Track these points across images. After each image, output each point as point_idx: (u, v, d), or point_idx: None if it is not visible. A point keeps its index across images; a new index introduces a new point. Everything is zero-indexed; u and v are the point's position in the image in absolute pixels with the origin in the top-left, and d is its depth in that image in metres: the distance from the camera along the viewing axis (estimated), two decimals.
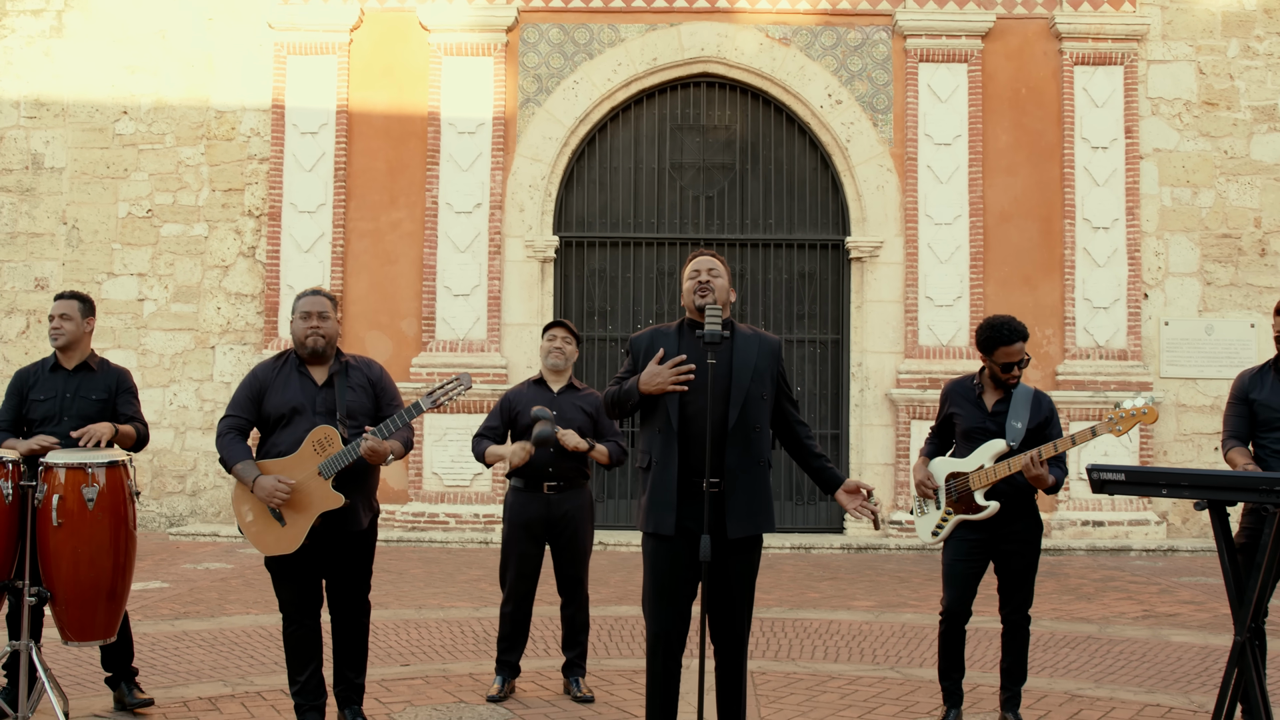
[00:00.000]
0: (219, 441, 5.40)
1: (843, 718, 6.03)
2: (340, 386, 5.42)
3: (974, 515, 5.70)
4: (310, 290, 5.60)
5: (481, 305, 14.01)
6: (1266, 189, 14.09)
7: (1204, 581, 11.07)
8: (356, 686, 5.54)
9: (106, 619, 5.45)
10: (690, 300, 4.79)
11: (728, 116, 14.56)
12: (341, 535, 5.37)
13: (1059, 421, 5.88)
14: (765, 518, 4.71)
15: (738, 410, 4.64)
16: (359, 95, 14.14)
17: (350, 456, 5.19)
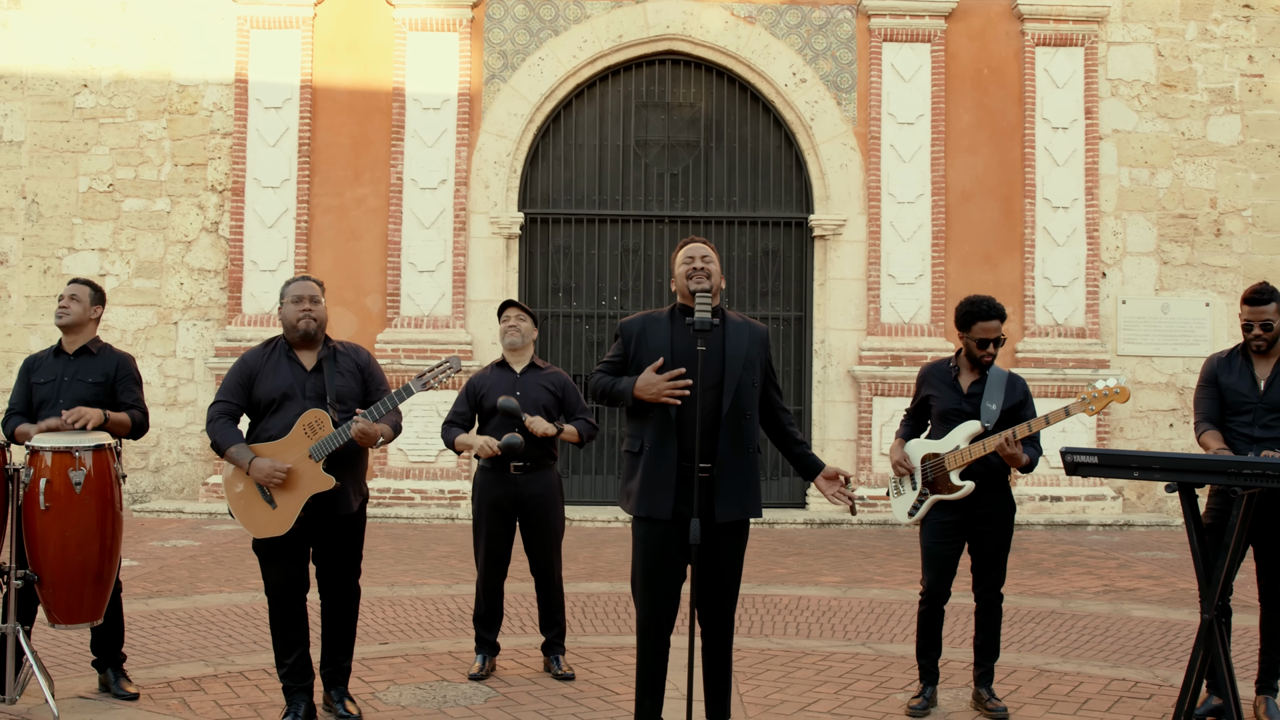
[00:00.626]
0: (210, 426, 5.43)
1: (819, 694, 6.15)
2: (329, 371, 5.47)
3: (950, 495, 5.82)
4: (299, 276, 5.64)
5: (447, 281, 14.02)
6: (1222, 170, 14.33)
7: (1160, 556, 11.31)
8: (344, 669, 5.60)
9: (94, 601, 5.49)
10: (683, 286, 4.85)
11: (693, 94, 14.61)
12: (331, 518, 5.42)
13: (1034, 404, 6.00)
14: (754, 503, 4.80)
15: (730, 397, 4.73)
16: (323, 70, 14.06)
17: (341, 439, 5.24)
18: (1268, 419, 5.67)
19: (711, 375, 4.71)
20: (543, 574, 6.59)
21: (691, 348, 4.67)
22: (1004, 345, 6.02)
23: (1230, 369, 5.81)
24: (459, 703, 5.88)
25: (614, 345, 4.94)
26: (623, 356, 4.86)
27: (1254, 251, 14.30)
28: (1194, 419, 5.92)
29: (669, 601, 4.76)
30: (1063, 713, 5.86)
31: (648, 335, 4.80)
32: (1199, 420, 5.84)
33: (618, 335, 4.93)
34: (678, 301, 4.94)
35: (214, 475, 13.62)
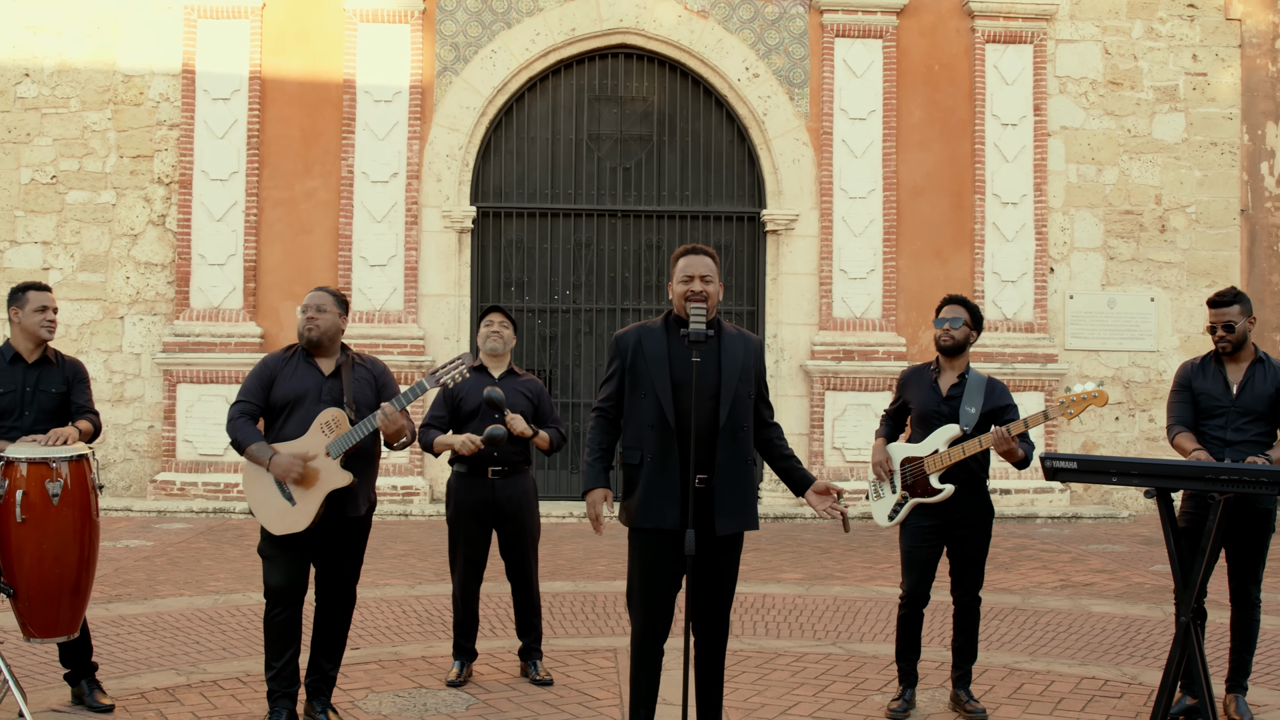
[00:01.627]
0: (230, 425, 5.46)
1: (798, 696, 6.19)
2: (348, 376, 5.49)
3: (929, 499, 5.87)
4: (316, 287, 5.68)
5: (398, 276, 13.90)
6: (1167, 167, 14.56)
7: (1111, 550, 11.49)
8: (329, 678, 5.56)
9: (70, 615, 5.40)
10: (680, 305, 4.83)
11: (645, 88, 14.59)
12: (338, 522, 5.41)
13: (1016, 407, 6.03)
14: (752, 516, 4.82)
15: (727, 409, 4.73)
16: (272, 61, 13.88)
17: (359, 435, 5.30)
18: (1240, 422, 5.77)
19: (708, 387, 4.71)
20: (520, 578, 6.57)
21: (687, 358, 4.66)
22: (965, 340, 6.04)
23: (1203, 374, 5.91)
24: (441, 710, 5.85)
25: (609, 362, 4.91)
26: (619, 370, 4.84)
27: (1197, 247, 14.55)
28: (1167, 423, 6.02)
29: (665, 612, 4.77)
30: (1039, 713, 5.94)
31: (644, 346, 4.79)
32: (1172, 424, 5.94)
33: (611, 350, 4.90)
34: (672, 311, 4.93)
35: (162, 472, 13.43)
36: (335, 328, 5.57)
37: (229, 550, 10.79)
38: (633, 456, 4.76)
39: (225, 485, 13.33)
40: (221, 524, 12.45)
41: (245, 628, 7.64)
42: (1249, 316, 5.84)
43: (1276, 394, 5.76)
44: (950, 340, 6.00)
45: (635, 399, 4.78)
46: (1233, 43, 14.63)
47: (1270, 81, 14.64)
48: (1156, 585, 9.56)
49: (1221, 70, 14.61)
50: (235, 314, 13.66)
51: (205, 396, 13.51)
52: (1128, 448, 14.37)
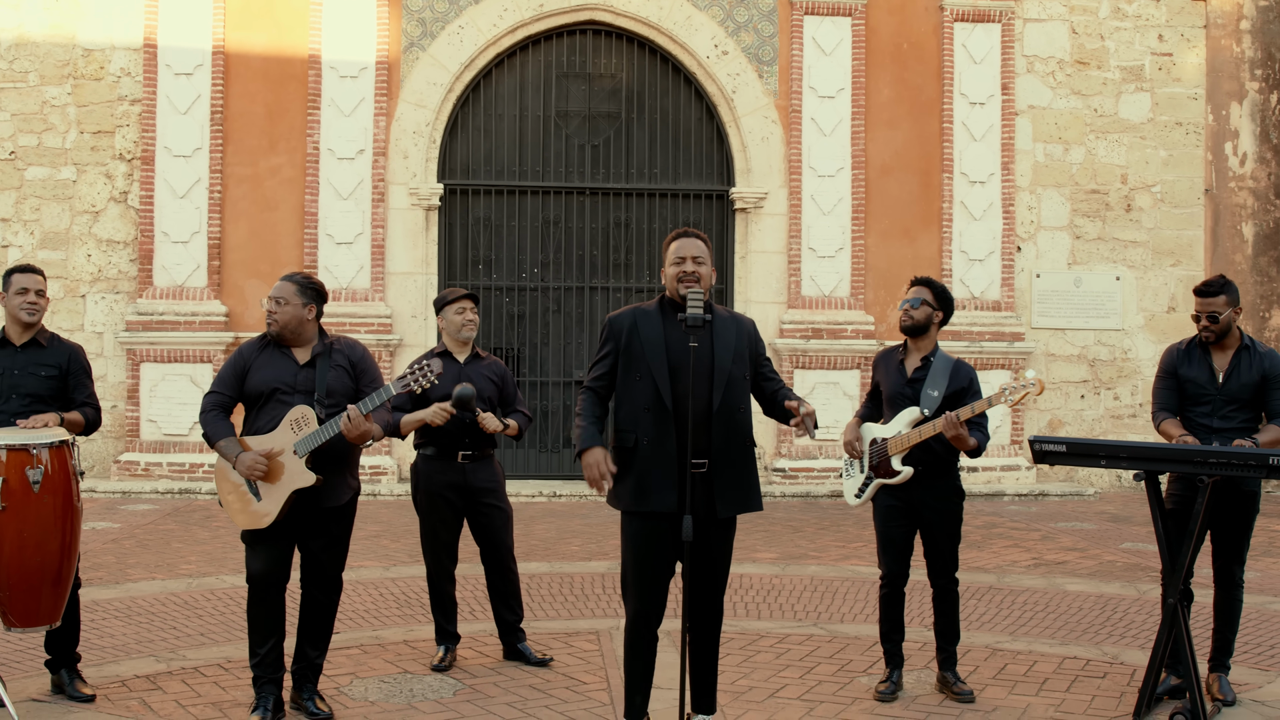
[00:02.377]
0: (203, 418, 5.37)
1: (784, 678, 6.19)
2: (322, 367, 5.38)
3: (890, 480, 5.88)
4: (286, 274, 5.51)
5: (365, 254, 13.77)
6: (1133, 147, 14.64)
7: (1079, 527, 11.59)
8: (316, 666, 5.50)
9: (52, 604, 5.30)
10: (673, 287, 4.80)
11: (614, 65, 14.50)
12: (318, 510, 5.32)
13: (980, 389, 6.00)
14: (755, 497, 4.81)
15: (721, 393, 4.71)
16: (236, 35, 13.67)
17: (325, 435, 5.15)
18: (1226, 409, 5.79)
19: (703, 370, 4.69)
20: (499, 561, 6.51)
21: (684, 342, 4.64)
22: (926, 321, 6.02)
23: (1189, 361, 5.93)
24: (428, 696, 5.81)
25: (602, 343, 4.86)
26: (613, 351, 4.80)
27: (1162, 227, 14.66)
28: (1152, 409, 6.04)
29: (661, 597, 4.75)
30: (1024, 693, 5.97)
31: (640, 328, 4.76)
32: (1157, 410, 5.96)
33: (605, 331, 4.85)
34: (665, 294, 4.89)
35: (126, 453, 13.27)
36: (297, 319, 5.40)
37: (198, 532, 10.68)
38: (627, 439, 4.73)
39: (191, 465, 13.20)
40: (188, 505, 12.32)
41: (222, 612, 7.56)
42: (1235, 306, 5.85)
43: (1262, 381, 5.78)
44: (909, 320, 5.99)
45: (629, 381, 4.74)
46: (1198, 23, 14.71)
47: (1235, 62, 14.74)
48: (1128, 563, 9.64)
49: (1187, 50, 14.70)
50: (199, 292, 13.49)
51: (170, 376, 13.35)
52: (1093, 425, 14.49)
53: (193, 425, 13.31)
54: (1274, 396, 5.78)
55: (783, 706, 5.73)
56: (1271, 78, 14.77)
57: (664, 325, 4.77)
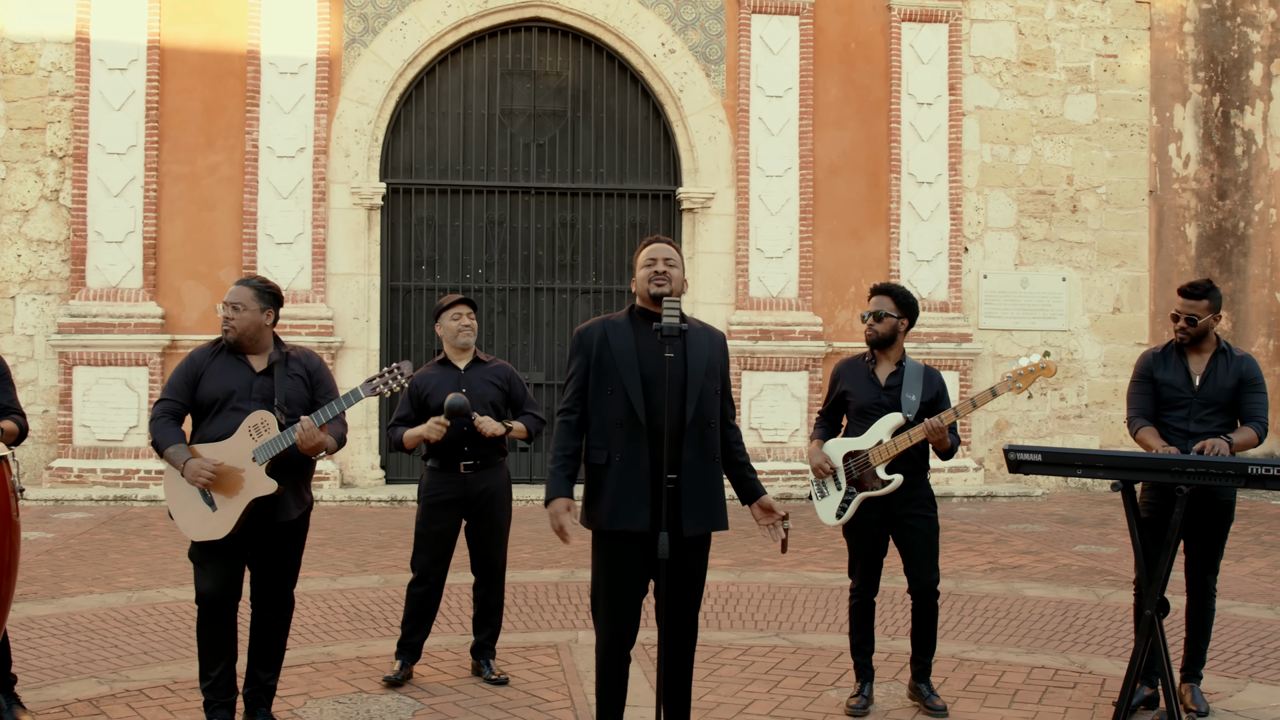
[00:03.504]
0: (152, 425, 5.11)
1: (752, 693, 6.04)
2: (279, 375, 5.14)
3: (877, 491, 5.75)
4: (241, 279, 5.25)
5: (306, 254, 13.47)
6: (1078, 148, 14.67)
7: (1031, 529, 11.56)
8: (268, 688, 5.26)
9: None
10: (644, 289, 4.64)
11: (560, 63, 14.30)
12: (271, 525, 5.09)
13: (949, 396, 5.97)
14: (721, 515, 4.64)
15: (694, 405, 4.54)
16: (172, 30, 13.31)
17: (286, 442, 4.94)
18: (1203, 413, 5.72)
19: (675, 382, 4.51)
20: (488, 572, 6.33)
21: (657, 353, 4.47)
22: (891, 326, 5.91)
23: (1165, 364, 5.85)
24: (386, 716, 5.59)
25: (571, 358, 4.67)
26: (583, 366, 4.61)
27: (1107, 228, 14.71)
28: (1127, 414, 5.95)
29: (634, 618, 4.57)
30: (997, 706, 5.86)
31: (610, 340, 4.58)
32: (1134, 416, 5.87)
33: (574, 345, 4.66)
34: (636, 304, 4.72)
35: (59, 459, 12.87)
36: (255, 324, 5.18)
37: (135, 542, 10.35)
38: (599, 456, 4.54)
39: (126, 472, 12.82)
40: (123, 513, 11.96)
41: (165, 629, 7.28)
42: (1215, 313, 5.78)
43: (1238, 385, 5.72)
44: (875, 335, 5.88)
45: (600, 396, 4.56)
46: (1142, 25, 14.78)
47: (1178, 64, 14.83)
48: (1084, 567, 9.61)
49: (1132, 52, 14.76)
50: (135, 293, 13.12)
51: (104, 379, 12.97)
52: (1039, 426, 14.51)
53: (128, 430, 12.96)
54: (1249, 400, 5.73)
55: None
56: (1214, 80, 14.87)
57: (635, 336, 4.60)
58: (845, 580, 8.91)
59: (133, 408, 13.00)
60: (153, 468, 12.87)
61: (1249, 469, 5.03)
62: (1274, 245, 14.98)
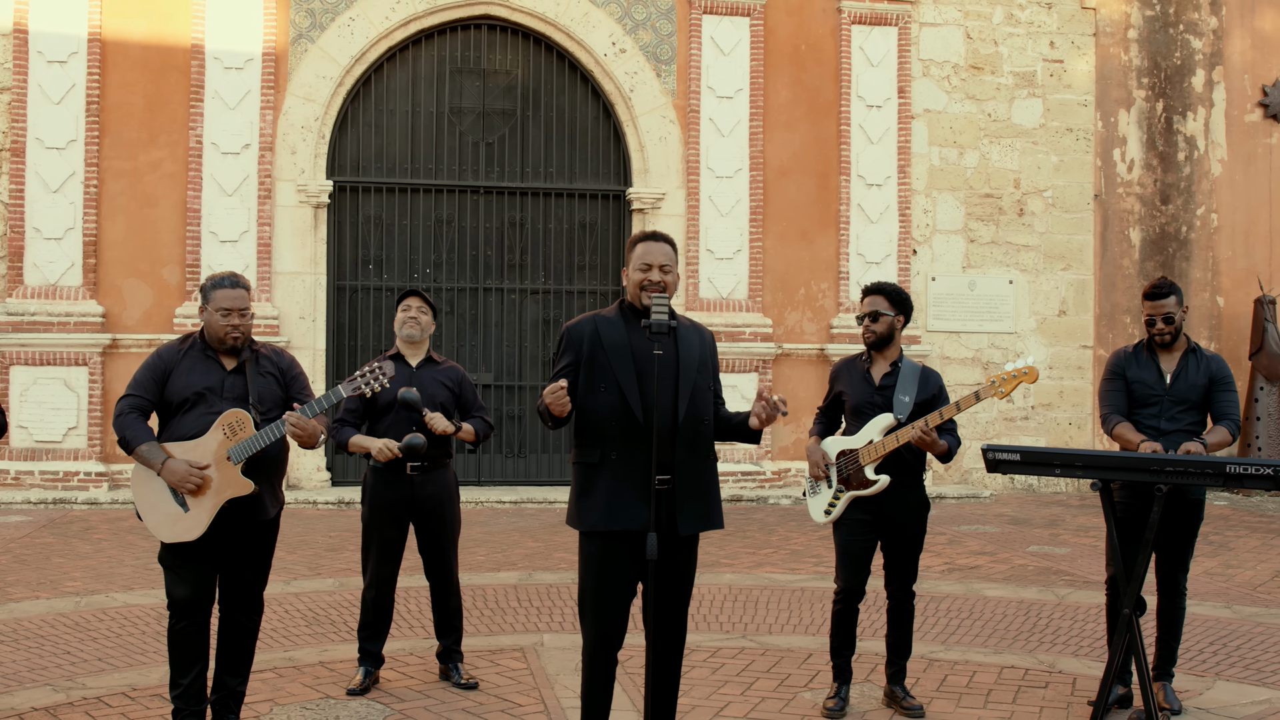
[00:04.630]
0: (118, 422, 4.90)
1: (726, 696, 5.98)
2: (252, 373, 4.99)
3: (865, 491, 5.72)
4: (227, 278, 5.05)
5: (251, 252, 13.23)
6: (1025, 152, 14.80)
7: (983, 530, 11.62)
8: (237, 694, 5.12)
9: None
10: (636, 293, 4.54)
11: (509, 61, 14.18)
12: (246, 525, 4.95)
13: (948, 396, 5.94)
14: (716, 514, 4.57)
15: (686, 403, 4.47)
16: (114, 22, 13.03)
17: (264, 441, 4.81)
18: (1174, 411, 5.75)
19: (666, 381, 4.44)
20: (441, 577, 6.20)
21: (648, 350, 4.38)
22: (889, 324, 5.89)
23: (1136, 363, 5.88)
24: None
25: (560, 355, 4.55)
26: (574, 363, 4.51)
27: (1054, 231, 14.84)
28: (1101, 411, 5.97)
29: (623, 620, 4.48)
30: (972, 706, 5.85)
31: (602, 335, 4.48)
32: (1109, 413, 5.88)
33: (563, 341, 4.55)
34: (625, 300, 4.63)
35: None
36: (250, 327, 5.08)
37: (79, 545, 10.09)
38: (591, 455, 4.44)
39: (65, 474, 12.52)
40: (63, 516, 11.67)
41: (118, 634, 7.09)
42: (1183, 306, 5.83)
43: (1209, 384, 5.77)
44: (873, 336, 5.85)
45: (593, 392, 4.46)
46: (1088, 31, 14.93)
47: (1123, 70, 15.00)
48: (1039, 567, 9.66)
49: (1077, 58, 14.90)
50: (74, 291, 12.82)
51: (42, 379, 12.66)
52: (986, 428, 14.60)
53: (67, 431, 12.66)
54: (1221, 399, 5.77)
55: None
56: (1157, 86, 15.06)
57: (628, 332, 4.51)
58: (804, 581, 8.94)
59: (72, 408, 12.69)
60: (92, 470, 12.59)
61: (1227, 468, 5.05)
62: (1215, 249, 15.20)
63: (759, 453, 13.84)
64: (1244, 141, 15.27)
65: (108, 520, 11.44)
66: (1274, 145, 15.34)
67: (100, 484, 12.58)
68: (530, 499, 13.05)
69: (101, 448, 12.76)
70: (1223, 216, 15.22)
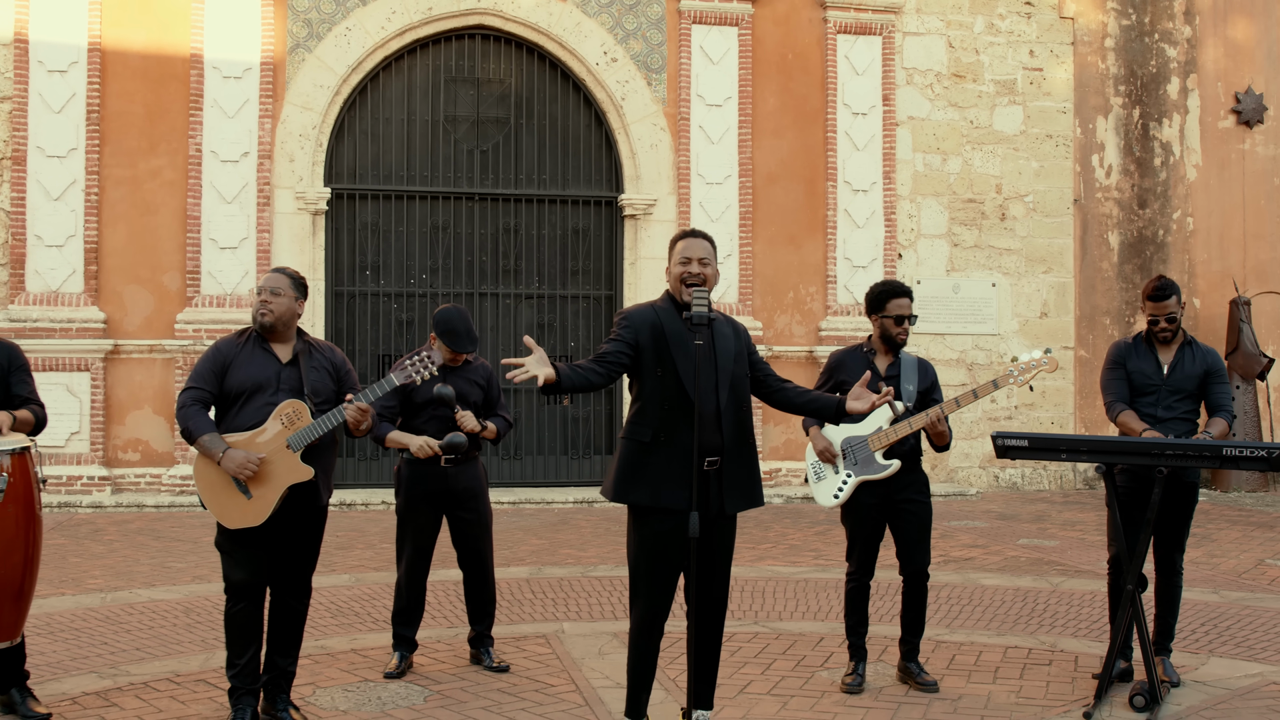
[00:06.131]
0: (181, 413, 5.13)
1: (747, 675, 6.25)
2: (306, 366, 5.25)
3: (875, 476, 6.01)
4: (275, 268, 5.36)
5: (250, 259, 13.43)
6: (1006, 158, 15.16)
7: (973, 525, 11.94)
8: (288, 674, 5.36)
9: (12, 619, 5.06)
10: (677, 285, 4.83)
11: (503, 70, 14.44)
12: (300, 511, 5.19)
13: (940, 387, 6.28)
14: (758, 492, 4.86)
15: (727, 390, 4.76)
16: (114, 32, 13.22)
17: (322, 428, 5.07)
18: (1170, 400, 6.08)
19: (707, 369, 4.73)
20: (476, 566, 6.46)
21: (691, 340, 4.67)
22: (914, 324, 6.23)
23: (1136, 354, 6.21)
24: (399, 703, 5.70)
25: (620, 329, 4.79)
26: (634, 342, 4.74)
27: (1035, 235, 15.21)
28: (1105, 400, 6.29)
29: (669, 595, 4.75)
30: (982, 682, 6.14)
31: (664, 323, 4.75)
32: (1112, 401, 6.21)
33: (622, 321, 4.80)
34: (668, 291, 4.92)
35: None
36: (291, 312, 5.32)
37: (92, 546, 10.27)
38: (644, 434, 4.71)
39: (69, 478, 12.68)
40: (70, 519, 11.84)
41: (149, 626, 7.30)
42: (1181, 305, 6.17)
43: (1204, 375, 6.11)
44: (906, 337, 6.16)
45: (649, 377, 4.74)
46: (1066, 40, 15.32)
47: (1100, 78, 15.39)
48: (1032, 558, 9.98)
49: (1056, 66, 15.29)
50: (76, 298, 12.99)
51: (44, 385, 12.75)
52: (971, 427, 14.93)
53: (70, 436, 12.82)
54: (1214, 390, 6.11)
55: (756, 702, 5.79)
56: (1133, 93, 15.46)
57: (681, 322, 4.79)
58: (805, 573, 9.22)
59: (74, 413, 12.85)
60: (95, 474, 12.75)
61: (1224, 451, 5.39)
62: (1191, 252, 15.60)
63: None
64: (1218, 147, 15.69)
65: (114, 523, 11.62)
66: (1247, 151, 15.77)
67: (104, 488, 12.75)
68: (528, 499, 13.30)
69: (104, 452, 12.93)
70: (1198, 220, 15.63)
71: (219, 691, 5.76)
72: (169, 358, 13.12)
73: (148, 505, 12.51)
